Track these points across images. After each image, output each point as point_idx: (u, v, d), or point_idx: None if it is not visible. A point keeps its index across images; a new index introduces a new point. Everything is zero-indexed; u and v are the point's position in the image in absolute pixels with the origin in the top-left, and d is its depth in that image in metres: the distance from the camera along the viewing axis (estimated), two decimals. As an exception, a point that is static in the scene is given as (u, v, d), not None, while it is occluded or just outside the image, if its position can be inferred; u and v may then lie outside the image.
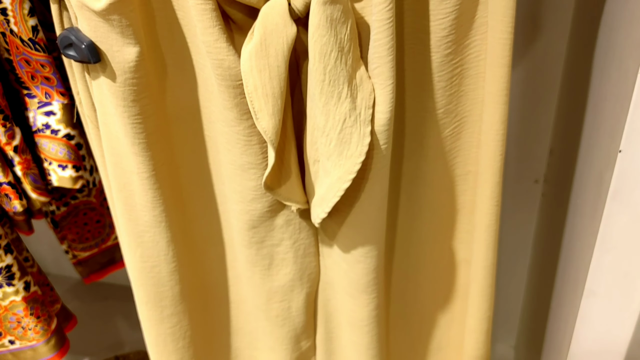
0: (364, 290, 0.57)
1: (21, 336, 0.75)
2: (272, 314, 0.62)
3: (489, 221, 0.55)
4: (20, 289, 0.71)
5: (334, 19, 0.42)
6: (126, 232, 0.56)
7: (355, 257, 0.55)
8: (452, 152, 0.55)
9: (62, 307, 0.81)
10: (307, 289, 0.61)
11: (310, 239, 0.58)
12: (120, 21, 0.44)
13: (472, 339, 0.63)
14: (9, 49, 0.61)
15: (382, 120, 0.46)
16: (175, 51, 0.49)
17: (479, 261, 0.58)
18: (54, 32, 0.50)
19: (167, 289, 0.59)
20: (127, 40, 0.45)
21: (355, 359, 0.64)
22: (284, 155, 0.49)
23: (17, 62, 0.62)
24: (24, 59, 0.61)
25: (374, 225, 0.53)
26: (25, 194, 0.65)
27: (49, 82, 0.63)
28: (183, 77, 0.50)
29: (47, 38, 0.60)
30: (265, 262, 0.58)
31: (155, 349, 0.63)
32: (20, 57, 0.61)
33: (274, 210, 0.55)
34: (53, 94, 0.64)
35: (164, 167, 0.52)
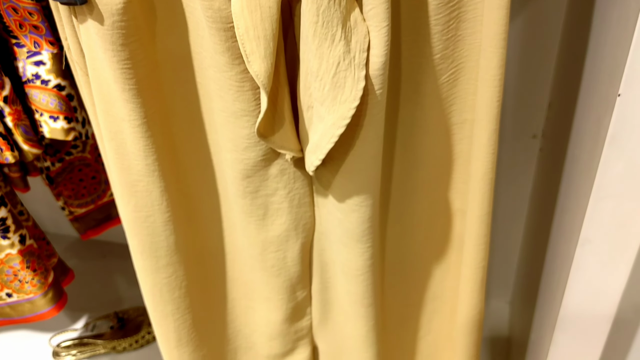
0: (358, 239, 0.57)
1: (18, 289, 0.75)
2: (268, 264, 0.62)
3: (485, 169, 0.54)
4: (16, 242, 0.71)
5: (327, -43, 0.41)
6: (119, 182, 0.55)
7: (350, 206, 0.54)
8: (448, 100, 0.54)
9: (59, 261, 0.81)
10: (302, 239, 0.61)
11: (305, 188, 0.58)
12: (106, -40, 0.42)
13: (467, 288, 0.63)
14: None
15: (377, 64, 0.45)
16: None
17: (475, 210, 0.57)
18: (40, -24, 0.48)
19: (161, 239, 0.59)
20: (114, -20, 0.43)
21: (350, 309, 0.64)
22: (277, 101, 0.49)
23: (5, 10, 0.60)
24: (11, 6, 0.60)
25: (369, 173, 0.52)
26: (17, 146, 0.64)
27: (37, 30, 0.62)
28: (173, 21, 0.49)
29: (33, -16, 0.59)
30: (260, 212, 0.58)
31: (152, 299, 0.63)
32: (7, 5, 0.60)
33: (267, 159, 0.54)
34: (42, 43, 0.62)
35: (155, 114, 0.52)
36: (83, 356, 1.14)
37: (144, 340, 1.16)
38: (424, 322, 0.73)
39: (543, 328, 0.69)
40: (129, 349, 1.15)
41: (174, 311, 0.64)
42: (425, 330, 0.74)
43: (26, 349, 1.17)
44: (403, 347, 0.75)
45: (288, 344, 0.71)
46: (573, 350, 0.61)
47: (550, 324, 0.63)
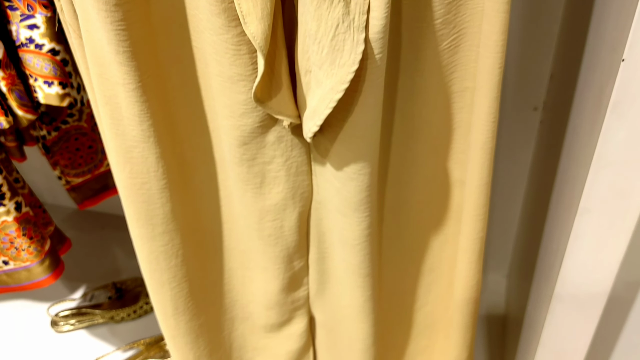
0: (356, 208, 0.56)
1: (15, 257, 0.75)
2: (265, 233, 0.62)
3: (485, 138, 0.54)
4: (12, 209, 0.70)
5: None
6: (114, 148, 0.55)
7: (348, 174, 0.54)
8: (449, 67, 0.53)
9: (56, 230, 0.81)
10: (300, 208, 0.60)
11: (303, 156, 0.57)
12: None
13: (464, 259, 0.63)
14: (-14, -43, 0.58)
15: (377, 27, 0.44)
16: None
17: (474, 180, 0.57)
18: None
19: (157, 206, 0.58)
20: (107, -63, 0.42)
21: (347, 279, 0.64)
22: (275, 65, 0.48)
23: (-4, -28, 0.59)
24: (3, -33, 0.58)
25: (367, 141, 0.51)
26: (11, 111, 0.63)
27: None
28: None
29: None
30: (257, 180, 0.57)
31: (148, 267, 0.63)
32: (-1, -34, 0.58)
33: (265, 126, 0.53)
34: (35, 5, 0.61)
35: (150, 78, 0.51)
36: (81, 326, 1.15)
37: (141, 310, 1.17)
38: (421, 294, 0.73)
39: (540, 300, 0.69)
40: (127, 319, 1.16)
41: (170, 279, 0.64)
42: (422, 302, 0.74)
43: (25, 318, 1.17)
44: (400, 318, 0.75)
45: (285, 314, 0.71)
46: (569, 321, 0.61)
47: (547, 295, 0.63)
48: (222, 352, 0.76)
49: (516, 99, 0.96)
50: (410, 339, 0.78)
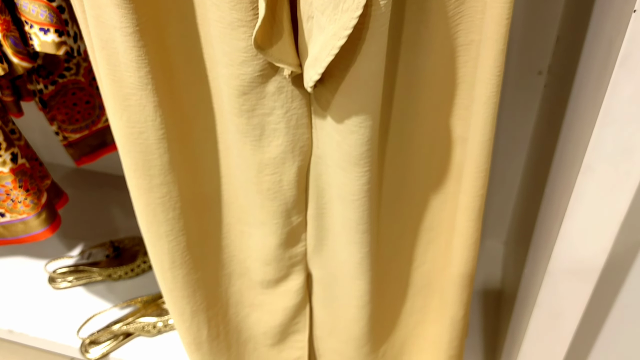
0: (356, 162, 0.56)
1: (11, 209, 0.75)
2: (263, 187, 0.61)
3: (490, 93, 0.53)
4: (7, 160, 0.69)
5: None
6: (111, 95, 0.54)
7: (349, 126, 0.53)
8: (454, 18, 0.51)
9: (53, 184, 0.81)
10: (299, 162, 0.60)
11: (303, 109, 0.56)
12: None
13: (464, 217, 0.62)
14: None
15: (382, -28, 0.43)
16: None
17: (476, 136, 0.56)
18: None
19: (155, 157, 0.57)
20: None
21: (345, 235, 0.64)
22: (276, 10, 0.46)
23: None
24: None
25: (370, 92, 0.50)
26: (7, 59, 0.62)
27: None
28: None
29: None
30: (256, 132, 0.57)
31: (145, 219, 0.63)
32: None
33: (265, 76, 0.52)
34: (30, -52, 0.59)
35: (148, 23, 0.49)
36: (79, 283, 1.15)
37: (139, 269, 1.17)
38: (419, 253, 0.72)
39: (538, 263, 0.69)
40: (125, 277, 1.16)
41: (168, 232, 0.64)
42: (420, 261, 0.74)
43: (22, 275, 1.18)
44: (397, 277, 0.75)
45: (282, 270, 0.71)
46: (567, 283, 0.61)
47: (546, 257, 0.63)
48: (218, 307, 0.76)
49: (520, 63, 0.95)
50: (407, 297, 0.78)
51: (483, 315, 1.08)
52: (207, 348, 0.77)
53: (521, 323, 0.73)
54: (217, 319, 0.76)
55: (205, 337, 0.76)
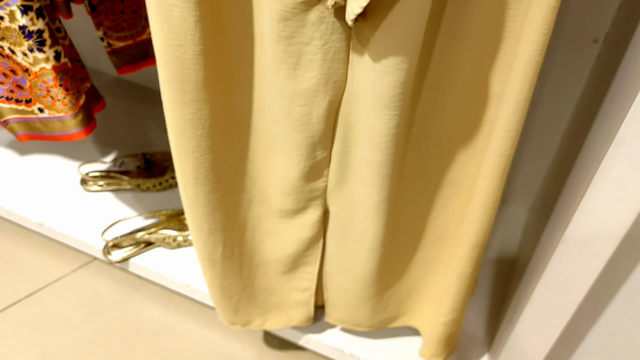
0: (387, 104, 0.55)
1: (50, 105, 0.77)
2: (292, 117, 0.61)
3: (534, 50, 0.51)
4: (51, 57, 0.71)
5: None
6: (155, 5, 0.54)
7: (385, 67, 0.53)
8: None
9: (92, 87, 0.82)
10: (331, 97, 0.60)
11: (342, 43, 0.55)
12: None
13: (487, 175, 0.62)
14: None
15: None
16: None
17: (512, 95, 0.55)
18: None
19: (190, 72, 0.58)
20: None
21: (366, 176, 0.64)
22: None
23: None
24: None
25: (410, 33, 0.50)
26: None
27: None
28: None
29: None
30: (292, 60, 0.56)
31: (175, 133, 0.64)
32: None
33: (307, 3, 0.52)
34: None
35: None
36: (108, 188, 1.19)
37: (167, 183, 1.20)
38: (438, 205, 0.73)
39: (555, 230, 0.69)
40: (152, 189, 1.20)
41: (194, 149, 0.65)
42: (437, 213, 0.74)
43: (57, 173, 1.22)
44: (413, 225, 0.76)
45: (301, 202, 0.73)
46: (581, 252, 0.61)
47: (563, 225, 0.62)
48: (235, 229, 0.78)
49: (576, 28, 0.91)
50: (419, 247, 0.79)
51: (494, 278, 1.09)
52: (220, 266, 0.80)
53: (528, 288, 0.74)
54: (232, 239, 0.79)
55: (220, 255, 0.79)
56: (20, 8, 0.65)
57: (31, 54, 0.70)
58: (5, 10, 0.65)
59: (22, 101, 0.78)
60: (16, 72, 0.74)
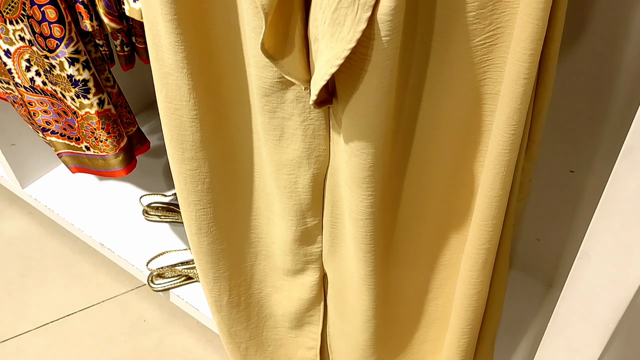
0: (359, 185, 0.56)
1: (94, 145, 0.85)
2: (281, 184, 0.64)
3: (501, 149, 0.50)
4: (94, 104, 0.79)
5: None
6: (154, 71, 0.59)
7: (353, 149, 0.53)
8: (482, 65, 0.49)
9: (138, 131, 0.90)
10: (314, 170, 0.61)
11: (321, 121, 0.57)
12: None
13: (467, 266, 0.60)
14: None
15: (385, 9, 0.42)
16: None
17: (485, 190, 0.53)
18: None
19: (188, 133, 0.62)
20: None
21: (353, 248, 0.64)
22: (289, 27, 0.48)
23: None
24: None
25: (371, 121, 0.50)
26: (98, 17, 0.70)
27: None
28: None
29: None
30: (277, 132, 0.59)
31: (177, 186, 0.68)
32: None
33: (284, 83, 0.54)
34: None
35: (187, 14, 0.53)
36: (165, 219, 1.27)
37: (217, 222, 1.26)
38: (434, 287, 0.71)
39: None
40: (203, 225, 1.26)
41: (196, 202, 0.69)
42: (435, 294, 0.72)
43: (122, 200, 1.32)
44: (411, 303, 0.74)
45: (298, 264, 0.74)
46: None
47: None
48: (242, 279, 0.81)
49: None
50: (419, 325, 0.77)
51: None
52: (227, 313, 0.83)
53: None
54: (239, 289, 0.81)
55: (226, 302, 0.81)
56: (68, 60, 0.74)
57: (77, 99, 0.78)
58: (57, 61, 0.74)
59: (73, 138, 0.87)
60: (67, 113, 0.83)
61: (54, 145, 0.90)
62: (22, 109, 0.89)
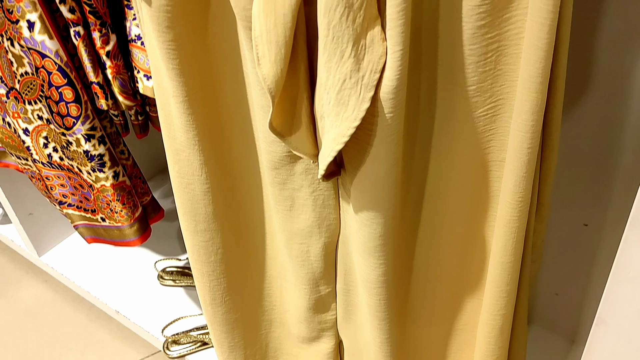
0: (370, 253, 0.56)
1: (109, 216, 0.86)
2: (293, 253, 0.64)
3: (510, 217, 0.50)
4: (110, 177, 0.81)
5: (343, -27, 0.40)
6: (167, 147, 0.61)
7: (362, 219, 0.54)
8: (485, 134, 0.50)
9: (152, 200, 0.91)
10: (326, 238, 0.62)
11: (330, 191, 0.58)
12: (156, -50, 0.46)
13: (483, 332, 0.59)
14: (114, -38, 0.67)
15: (387, 88, 0.44)
16: (217, -15, 0.50)
17: (496, 256, 0.53)
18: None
19: (200, 206, 0.63)
20: (164, -31, 0.47)
21: (367, 316, 0.64)
22: (296, 105, 0.49)
23: (121, -27, 0.67)
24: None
25: (378, 192, 0.51)
26: (113, 96, 0.73)
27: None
28: (225, 10, 0.52)
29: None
30: (287, 203, 0.60)
31: (191, 257, 0.69)
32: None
33: (293, 156, 0.55)
34: (146, 8, 0.69)
35: (198, 95, 0.55)
36: (180, 284, 1.27)
37: (232, 285, 1.26)
38: (452, 351, 0.70)
39: None
40: (218, 289, 1.25)
41: (209, 273, 0.69)
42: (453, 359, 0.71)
43: (137, 266, 1.33)
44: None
45: (313, 331, 0.73)
46: None
47: None
48: (257, 348, 0.80)
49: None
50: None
51: None
52: (243, 382, 0.82)
53: None
54: (255, 357, 0.80)
55: (242, 372, 0.81)
56: (84, 136, 0.76)
57: (93, 173, 0.80)
58: (73, 137, 0.77)
59: (89, 210, 0.88)
60: (83, 187, 0.84)
61: (71, 218, 0.92)
62: (39, 184, 0.91)
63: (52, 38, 0.69)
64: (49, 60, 0.70)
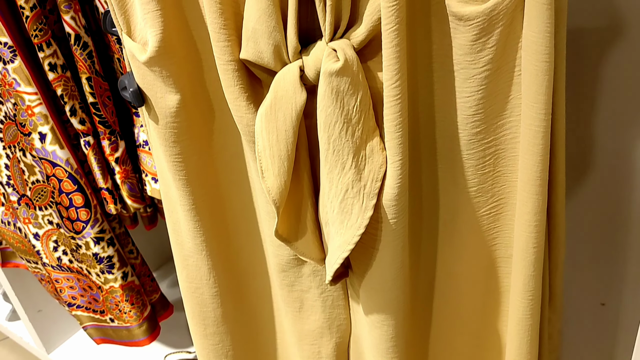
0: (384, 355, 0.55)
1: (118, 317, 0.86)
2: (304, 354, 0.63)
3: (522, 315, 0.49)
4: (119, 278, 0.81)
5: (341, 91, 0.42)
6: (175, 253, 0.61)
7: (373, 321, 0.53)
8: (490, 232, 0.50)
9: (161, 297, 0.91)
10: (337, 339, 0.61)
11: (339, 291, 0.58)
12: (161, 72, 0.48)
13: None
14: (122, 73, 0.70)
15: (389, 195, 0.44)
16: (221, 97, 0.52)
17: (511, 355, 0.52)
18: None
19: (209, 310, 0.63)
20: (169, 88, 0.49)
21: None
22: (301, 212, 0.50)
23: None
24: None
25: (387, 295, 0.51)
26: (122, 199, 0.74)
27: (152, 104, 0.71)
28: (229, 121, 0.53)
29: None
30: (296, 304, 0.59)
31: (201, 358, 0.68)
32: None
33: (300, 259, 0.55)
34: (153, 115, 0.71)
35: (205, 202, 0.56)
36: (191, 378, 1.24)
37: (243, 377, 1.22)
38: None
39: None
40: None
41: (220, 375, 0.68)
42: None
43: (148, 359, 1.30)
44: None
45: None
46: None
47: None
48: None
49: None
50: None
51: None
52: None
53: None
54: None
55: None
56: (93, 239, 0.77)
57: (102, 275, 0.80)
58: (83, 241, 0.77)
59: (98, 311, 0.88)
60: (92, 288, 0.84)
61: (79, 319, 0.91)
62: (49, 286, 0.91)
63: (62, 148, 0.71)
64: (59, 168, 0.72)
